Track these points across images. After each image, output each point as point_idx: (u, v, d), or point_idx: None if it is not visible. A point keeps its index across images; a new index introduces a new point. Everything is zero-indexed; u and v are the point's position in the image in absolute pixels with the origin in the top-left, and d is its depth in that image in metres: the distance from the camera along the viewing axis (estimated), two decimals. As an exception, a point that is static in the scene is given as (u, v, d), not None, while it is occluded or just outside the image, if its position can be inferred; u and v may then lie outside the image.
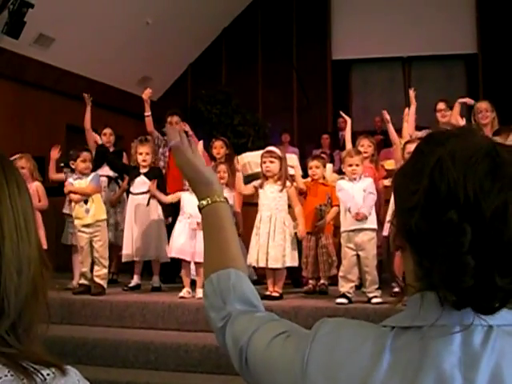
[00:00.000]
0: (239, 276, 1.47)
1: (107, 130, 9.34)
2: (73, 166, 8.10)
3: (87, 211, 7.64)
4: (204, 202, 1.55)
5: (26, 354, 0.99)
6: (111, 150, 9.32)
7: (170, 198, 7.80)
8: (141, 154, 8.03)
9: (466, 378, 1.05)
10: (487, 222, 1.03)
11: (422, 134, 7.72)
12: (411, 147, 6.69)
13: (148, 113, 8.84)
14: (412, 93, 8.33)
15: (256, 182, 7.47)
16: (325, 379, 1.17)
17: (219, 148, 8.37)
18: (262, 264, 7.16)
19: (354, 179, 6.94)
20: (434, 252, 1.07)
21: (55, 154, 8.96)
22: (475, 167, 1.06)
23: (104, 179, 8.35)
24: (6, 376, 0.96)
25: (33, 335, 1.05)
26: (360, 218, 6.77)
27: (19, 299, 1.02)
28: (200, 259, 7.22)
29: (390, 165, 7.95)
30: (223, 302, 1.43)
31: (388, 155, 8.57)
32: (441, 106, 8.24)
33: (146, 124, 8.84)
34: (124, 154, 9.36)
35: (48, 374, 0.97)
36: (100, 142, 9.18)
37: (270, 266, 7.13)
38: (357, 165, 6.95)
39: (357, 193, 6.88)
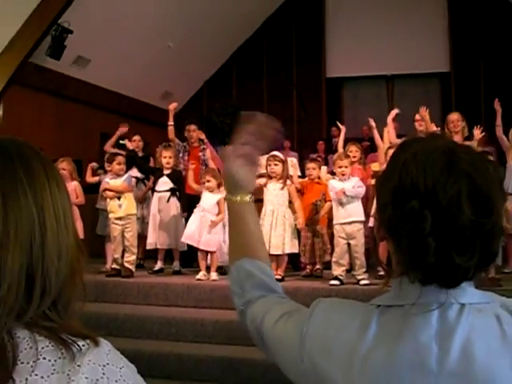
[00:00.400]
0: (255, 264, 1.46)
1: (136, 137, 9.43)
2: (108, 168, 8.09)
3: (120, 206, 7.71)
4: (235, 198, 1.51)
5: (64, 328, 1.00)
6: (140, 154, 9.35)
7: (196, 187, 7.88)
8: (165, 157, 8.07)
9: (441, 347, 1.07)
10: (444, 209, 1.06)
11: (400, 141, 7.70)
12: (391, 152, 6.74)
13: (171, 122, 8.84)
14: (393, 111, 8.19)
15: (261, 181, 7.49)
16: (319, 349, 1.19)
17: None
18: None
19: (344, 179, 6.95)
20: (402, 237, 1.10)
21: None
22: (433, 164, 1.10)
23: (133, 179, 8.35)
24: (47, 346, 0.96)
25: (71, 311, 1.06)
26: (338, 196, 6.84)
27: (59, 280, 1.03)
28: (205, 247, 7.30)
29: (375, 167, 7.96)
30: (242, 289, 1.44)
31: (374, 158, 8.57)
32: (418, 116, 8.21)
33: (168, 132, 8.84)
34: (151, 158, 9.38)
35: (83, 345, 0.98)
36: (130, 148, 9.19)
37: (271, 252, 7.15)
38: (345, 167, 6.99)
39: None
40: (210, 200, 7.47)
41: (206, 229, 7.37)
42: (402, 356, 1.08)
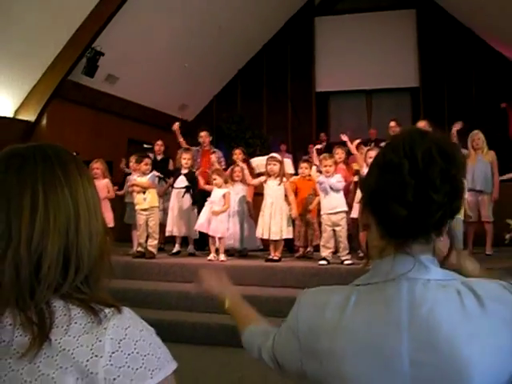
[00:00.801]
0: (251, 331, 1.51)
1: (159, 142, 9.45)
2: (137, 168, 8.04)
3: (145, 199, 7.72)
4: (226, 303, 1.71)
5: (94, 299, 1.02)
6: (160, 156, 9.34)
7: (207, 187, 7.85)
8: (184, 159, 8.10)
9: (411, 314, 1.07)
10: (419, 160, 1.08)
11: (381, 144, 7.75)
12: (371, 153, 6.90)
13: (180, 139, 8.85)
14: (355, 141, 8.03)
15: (262, 178, 7.52)
16: (309, 328, 1.18)
17: (238, 154, 8.35)
18: (265, 236, 7.29)
19: (328, 176, 6.94)
20: (383, 194, 1.12)
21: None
22: (410, 138, 1.13)
23: (156, 178, 8.33)
24: (78, 313, 0.99)
25: (100, 285, 1.07)
26: (322, 187, 6.89)
27: (90, 260, 1.04)
28: (213, 233, 7.32)
29: (355, 166, 7.94)
30: (252, 347, 1.46)
31: (355, 160, 8.53)
32: (392, 123, 8.17)
33: (182, 145, 8.79)
34: (170, 160, 9.35)
35: (109, 312, 1.00)
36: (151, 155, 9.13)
37: (271, 238, 7.20)
38: (330, 166, 6.97)
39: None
40: (217, 194, 7.50)
41: (212, 218, 7.40)
42: (379, 320, 1.09)
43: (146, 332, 1.03)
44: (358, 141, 7.89)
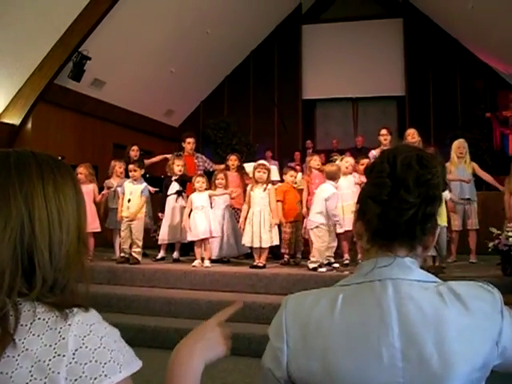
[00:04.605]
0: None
1: (135, 147, 9.18)
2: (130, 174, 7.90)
3: (128, 208, 7.62)
4: None
5: (61, 301, 1.02)
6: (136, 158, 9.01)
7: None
8: (178, 165, 8.01)
9: (400, 312, 1.12)
10: (398, 165, 1.19)
11: (376, 151, 7.79)
12: (348, 159, 7.36)
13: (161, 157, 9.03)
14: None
15: (248, 186, 7.52)
16: (299, 329, 1.19)
17: (234, 161, 8.35)
18: (256, 245, 7.22)
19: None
20: (366, 191, 1.23)
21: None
22: (396, 146, 1.27)
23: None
24: (43, 310, 0.99)
25: (68, 293, 1.06)
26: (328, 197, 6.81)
27: (53, 270, 1.04)
28: (195, 238, 7.27)
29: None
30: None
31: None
32: (383, 131, 8.11)
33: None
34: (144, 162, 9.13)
35: (74, 309, 1.00)
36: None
37: (263, 246, 7.19)
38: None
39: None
40: (199, 199, 7.43)
41: (196, 222, 7.34)
42: (369, 319, 1.13)
43: (110, 330, 1.03)
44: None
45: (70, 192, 1.11)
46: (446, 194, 6.89)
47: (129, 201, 7.63)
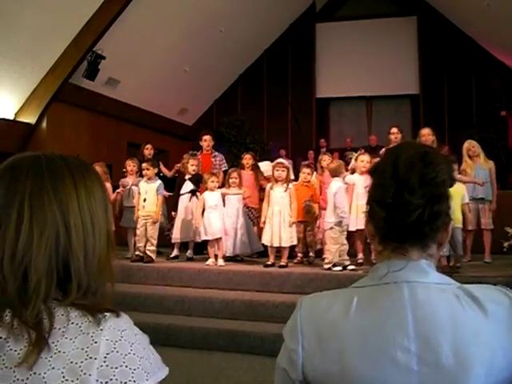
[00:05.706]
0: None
1: (148, 146, 9.20)
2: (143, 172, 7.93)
3: (144, 207, 7.66)
4: None
5: (93, 306, 1.02)
6: (149, 157, 9.03)
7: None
8: (192, 165, 8.03)
9: (415, 315, 1.10)
10: (400, 165, 1.17)
11: (382, 151, 7.77)
12: (363, 157, 7.21)
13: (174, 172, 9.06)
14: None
15: (268, 185, 7.48)
16: (314, 330, 1.17)
17: (248, 159, 8.35)
18: (276, 244, 7.19)
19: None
20: (372, 194, 1.22)
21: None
22: (400, 145, 1.29)
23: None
24: (76, 315, 1.00)
25: (100, 297, 1.07)
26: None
27: (87, 276, 1.05)
28: (212, 236, 7.26)
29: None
30: None
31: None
32: (394, 130, 8.06)
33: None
34: (160, 163, 9.16)
35: (106, 315, 1.01)
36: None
37: (283, 245, 7.16)
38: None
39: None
40: (212, 198, 7.44)
41: (214, 221, 7.35)
42: (385, 321, 1.12)
43: (141, 336, 1.03)
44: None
45: (100, 194, 1.11)
46: (465, 196, 6.86)
47: (144, 200, 7.67)
